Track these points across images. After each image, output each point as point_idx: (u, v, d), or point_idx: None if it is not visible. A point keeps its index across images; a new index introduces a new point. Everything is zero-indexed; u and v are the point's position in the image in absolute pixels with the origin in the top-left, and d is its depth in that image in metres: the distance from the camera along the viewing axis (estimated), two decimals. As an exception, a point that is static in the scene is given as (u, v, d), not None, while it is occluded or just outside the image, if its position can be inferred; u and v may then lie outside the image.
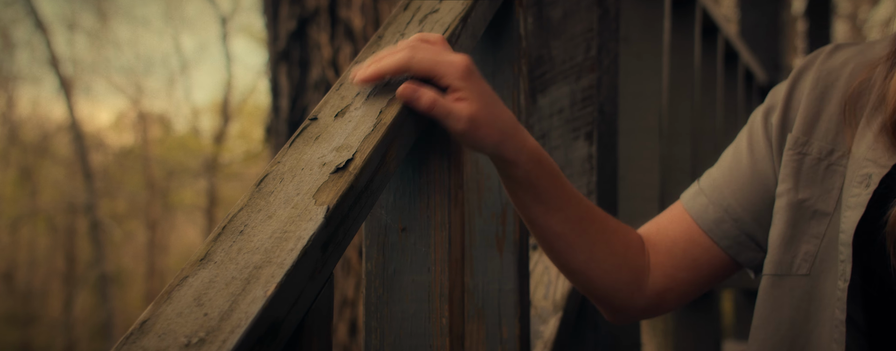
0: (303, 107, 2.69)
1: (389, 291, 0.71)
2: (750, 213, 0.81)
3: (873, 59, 0.78)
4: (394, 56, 0.69)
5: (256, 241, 0.55)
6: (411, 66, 0.68)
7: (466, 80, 0.70)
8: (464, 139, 0.72)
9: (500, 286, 0.87)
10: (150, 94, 13.87)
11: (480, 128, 0.71)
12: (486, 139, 0.72)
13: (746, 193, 0.82)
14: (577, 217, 0.79)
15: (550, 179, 0.77)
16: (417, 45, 0.70)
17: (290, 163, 0.63)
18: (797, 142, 0.78)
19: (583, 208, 0.79)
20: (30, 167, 11.96)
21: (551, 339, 0.97)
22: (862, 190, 0.73)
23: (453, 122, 0.70)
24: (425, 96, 0.68)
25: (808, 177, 0.77)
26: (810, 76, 0.80)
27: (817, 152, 0.78)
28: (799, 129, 0.79)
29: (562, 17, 1.15)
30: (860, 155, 0.75)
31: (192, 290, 0.51)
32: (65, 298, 11.54)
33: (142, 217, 12.08)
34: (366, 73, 0.69)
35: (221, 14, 12.91)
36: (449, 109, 0.69)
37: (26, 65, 12.74)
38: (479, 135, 0.71)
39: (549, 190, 0.77)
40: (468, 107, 0.70)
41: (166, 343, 0.47)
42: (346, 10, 2.68)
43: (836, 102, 0.78)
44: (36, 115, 12.57)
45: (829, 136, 0.77)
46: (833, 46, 0.83)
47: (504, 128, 0.73)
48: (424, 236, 0.72)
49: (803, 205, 0.77)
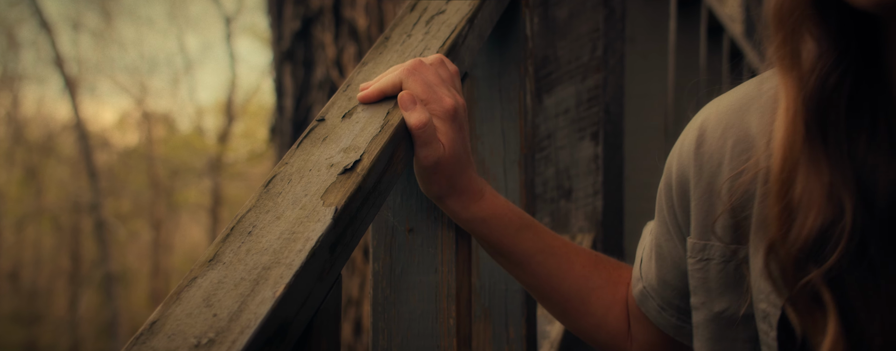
0: (307, 106, 2.69)
1: (397, 292, 0.72)
2: (683, 297, 0.73)
3: (752, 134, 0.65)
4: (388, 76, 0.70)
5: (265, 242, 0.55)
6: (406, 88, 0.69)
7: (447, 123, 0.69)
8: (421, 174, 0.70)
9: (507, 286, 0.87)
10: (154, 93, 13.90)
11: (436, 173, 0.70)
12: (433, 186, 0.71)
13: (674, 279, 0.74)
14: (545, 274, 0.75)
15: (506, 236, 0.73)
16: (411, 72, 0.69)
17: (297, 164, 0.63)
18: (695, 248, 0.68)
19: (553, 264, 0.75)
20: (35, 167, 11.99)
21: (558, 339, 0.97)
22: (767, 328, 0.64)
23: (427, 152, 0.68)
24: (420, 113, 0.68)
25: (718, 284, 0.67)
26: (692, 170, 0.68)
27: (721, 255, 0.67)
28: (695, 232, 0.68)
29: (567, 18, 1.15)
30: (756, 274, 0.64)
31: (202, 290, 0.51)
32: (70, 297, 11.57)
33: (146, 216, 12.10)
34: (366, 94, 0.70)
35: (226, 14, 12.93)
36: (431, 141, 0.68)
37: (31, 64, 12.78)
38: (433, 179, 0.70)
39: (503, 245, 0.74)
40: (441, 150, 0.69)
41: (176, 344, 0.47)
42: (350, 10, 2.68)
43: (725, 195, 0.65)
44: (41, 114, 12.61)
45: (727, 234, 0.66)
46: (700, 122, 0.69)
47: (456, 184, 0.71)
48: (431, 237, 0.72)
49: (722, 316, 0.68)
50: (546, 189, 1.14)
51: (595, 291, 0.77)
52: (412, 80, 0.69)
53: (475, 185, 0.73)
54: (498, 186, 0.89)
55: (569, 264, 0.76)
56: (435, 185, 0.71)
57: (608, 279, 0.78)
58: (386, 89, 0.69)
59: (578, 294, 0.76)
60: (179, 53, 16.31)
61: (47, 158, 12.11)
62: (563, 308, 0.77)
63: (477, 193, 0.73)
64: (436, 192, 0.72)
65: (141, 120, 12.71)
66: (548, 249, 0.75)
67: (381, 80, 0.70)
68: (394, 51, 0.78)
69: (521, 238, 0.74)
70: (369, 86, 0.71)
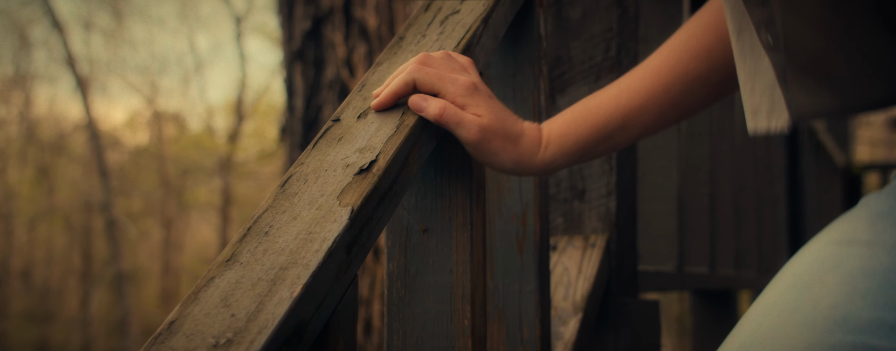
0: (317, 106, 2.70)
1: (412, 292, 0.72)
2: None
3: None
4: (398, 77, 0.70)
5: (282, 242, 0.55)
6: (417, 83, 0.69)
7: (471, 97, 0.70)
8: (477, 151, 0.71)
9: (521, 287, 0.87)
10: (165, 93, 13.95)
11: (493, 140, 0.71)
12: (500, 153, 0.72)
13: None
14: (651, 118, 0.75)
15: (590, 132, 0.75)
16: (420, 65, 0.70)
17: (313, 164, 0.63)
18: None
19: (650, 104, 0.74)
20: (47, 166, 12.06)
21: (571, 340, 0.97)
22: None
23: (465, 131, 0.70)
24: (434, 103, 0.68)
25: None
26: None
27: None
28: None
29: (581, 18, 1.15)
30: None
31: (219, 290, 0.52)
32: (81, 295, 11.63)
33: (157, 215, 12.15)
34: (381, 101, 0.69)
35: (236, 13, 12.96)
36: (460, 117, 0.69)
37: (43, 64, 12.84)
38: (491, 147, 0.71)
39: (598, 138, 0.75)
40: (478, 119, 0.70)
41: (194, 343, 0.47)
42: (360, 10, 2.69)
43: None
44: (53, 114, 12.68)
45: None
46: None
47: (515, 136, 0.72)
48: (446, 237, 0.72)
49: None
50: (559, 190, 1.14)
51: (702, 73, 0.76)
52: (423, 72, 0.69)
53: (530, 126, 0.74)
54: (512, 186, 0.89)
55: (682, 77, 0.76)
56: (499, 151, 0.71)
57: None
58: (399, 91, 0.69)
59: (691, 75, 0.76)
60: (190, 53, 16.37)
61: (59, 158, 12.18)
62: (687, 101, 0.76)
63: (535, 128, 0.74)
64: (508, 156, 0.72)
65: (152, 119, 12.77)
66: (649, 90, 0.76)
67: (392, 83, 0.70)
68: (408, 51, 0.78)
69: (617, 107, 0.75)
70: (381, 92, 0.70)
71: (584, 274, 1.05)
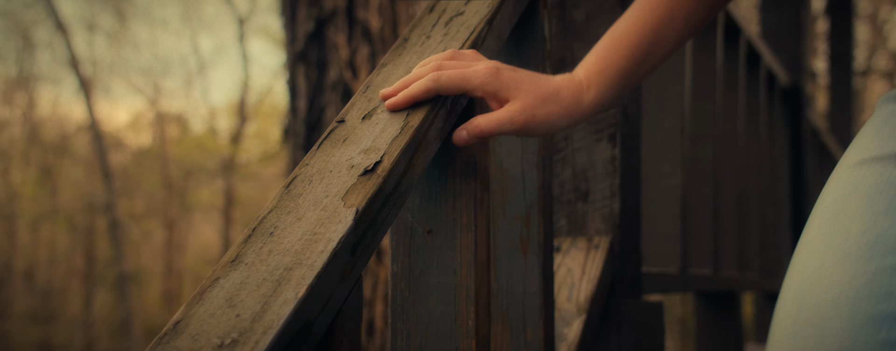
0: (320, 107, 2.70)
1: (415, 293, 0.72)
2: None
3: None
4: (421, 83, 0.69)
5: (286, 242, 0.55)
6: (441, 89, 0.69)
7: (496, 81, 0.71)
8: (528, 132, 0.73)
9: (525, 289, 0.87)
10: (167, 94, 13.96)
11: (537, 114, 0.72)
12: (548, 118, 0.73)
13: None
14: (681, 25, 0.77)
15: (627, 58, 0.76)
16: (440, 66, 0.70)
17: (318, 165, 0.63)
18: None
19: (675, 10, 0.76)
20: (50, 167, 12.07)
21: (575, 341, 0.97)
22: None
23: (513, 127, 0.71)
24: (467, 130, 0.70)
25: None
26: None
27: None
28: None
29: (585, 19, 1.15)
30: None
31: (224, 291, 0.52)
32: (84, 296, 11.64)
33: (160, 216, 12.16)
34: (399, 100, 0.69)
35: (239, 15, 12.98)
36: (499, 120, 0.71)
37: (47, 65, 12.87)
38: (537, 121, 0.72)
39: (636, 62, 0.76)
40: (513, 105, 0.71)
41: (199, 344, 0.47)
42: (363, 12, 2.69)
43: None
44: (56, 115, 12.70)
45: None
46: None
47: (554, 96, 0.73)
48: (450, 239, 0.72)
49: None
50: (563, 191, 1.14)
51: None
52: (438, 73, 0.69)
53: (563, 78, 0.75)
54: (515, 188, 0.89)
55: None
56: (547, 118, 0.73)
57: None
58: (418, 96, 0.69)
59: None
60: (193, 54, 16.38)
61: (62, 159, 12.20)
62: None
63: (568, 78, 0.75)
64: (557, 116, 0.73)
65: (154, 121, 12.78)
66: None
67: (411, 87, 0.69)
68: (413, 52, 0.78)
69: (644, 26, 0.77)
70: (396, 92, 0.69)
71: (588, 275, 1.05)
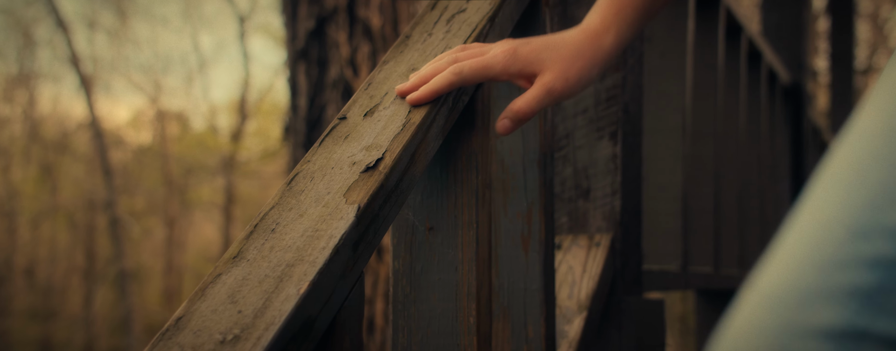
0: (321, 105, 2.70)
1: (417, 290, 0.72)
2: None
3: None
4: (443, 76, 0.69)
5: (288, 239, 0.55)
6: (464, 81, 0.70)
7: (518, 61, 0.71)
8: (571, 94, 0.73)
9: (526, 286, 0.87)
10: (168, 91, 13.96)
11: (569, 76, 0.72)
12: (580, 75, 0.73)
13: None
14: None
15: None
16: (456, 58, 0.70)
17: (320, 162, 0.63)
18: None
19: None
20: (50, 164, 12.08)
21: (576, 338, 0.97)
22: None
23: (553, 97, 0.72)
24: (509, 117, 0.71)
25: None
26: None
27: None
28: None
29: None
30: None
31: (226, 287, 0.52)
32: (85, 293, 11.65)
33: (160, 214, 12.17)
34: (422, 94, 0.68)
35: (240, 13, 12.98)
36: (537, 97, 0.71)
37: (47, 63, 12.87)
38: (570, 82, 0.72)
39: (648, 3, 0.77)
40: (543, 78, 0.72)
41: (202, 340, 0.47)
42: (364, 10, 2.69)
43: None
44: (56, 112, 12.70)
45: None
46: None
47: (578, 53, 0.73)
48: (452, 236, 0.72)
49: None
50: (564, 188, 1.14)
51: None
52: (458, 65, 0.69)
53: (578, 30, 0.75)
54: (517, 185, 0.89)
55: None
56: (578, 75, 0.73)
57: None
58: (441, 90, 0.69)
59: None
60: (193, 52, 16.37)
61: (63, 156, 12.20)
62: None
63: (582, 29, 0.76)
64: (587, 70, 0.74)
65: (155, 118, 12.78)
66: None
67: (434, 81, 0.69)
68: (415, 49, 0.78)
69: None
70: (414, 87, 0.69)
71: (589, 273, 1.05)
